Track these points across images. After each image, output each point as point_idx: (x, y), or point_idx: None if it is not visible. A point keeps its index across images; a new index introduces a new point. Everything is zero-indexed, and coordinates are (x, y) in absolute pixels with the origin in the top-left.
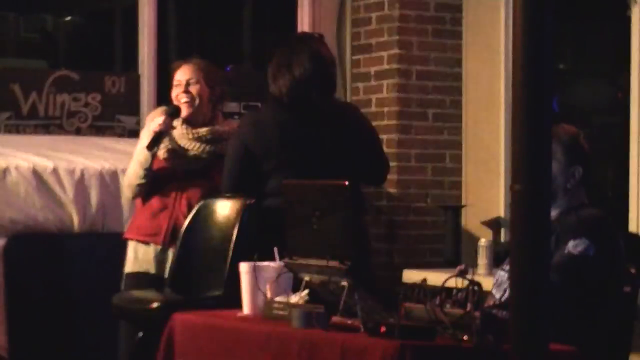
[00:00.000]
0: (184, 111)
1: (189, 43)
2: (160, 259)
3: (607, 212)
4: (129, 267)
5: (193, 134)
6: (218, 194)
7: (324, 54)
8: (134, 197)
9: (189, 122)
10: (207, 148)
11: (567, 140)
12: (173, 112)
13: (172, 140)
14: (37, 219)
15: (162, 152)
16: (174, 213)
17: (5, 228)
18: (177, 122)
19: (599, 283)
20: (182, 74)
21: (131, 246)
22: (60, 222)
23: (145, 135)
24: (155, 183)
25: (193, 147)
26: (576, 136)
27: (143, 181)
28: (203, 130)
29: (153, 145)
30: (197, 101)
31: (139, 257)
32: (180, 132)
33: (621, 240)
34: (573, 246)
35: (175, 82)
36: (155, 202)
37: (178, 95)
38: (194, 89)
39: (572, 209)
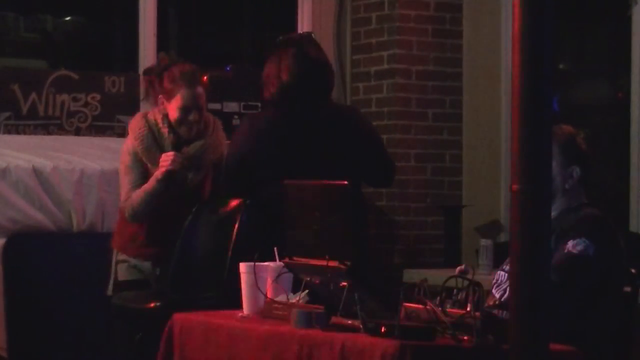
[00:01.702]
0: (184, 133)
1: (189, 43)
2: (159, 274)
3: (607, 212)
4: (124, 275)
5: (185, 156)
6: (217, 195)
7: (313, 55)
8: (135, 222)
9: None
10: (199, 164)
11: (564, 141)
12: (177, 145)
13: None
14: (37, 219)
15: None
16: (174, 237)
17: (5, 228)
18: (168, 135)
19: (598, 283)
20: (190, 100)
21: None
22: (59, 222)
23: (130, 150)
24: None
25: (187, 167)
26: (573, 136)
27: (148, 209)
28: (194, 148)
29: (167, 182)
30: (199, 123)
31: (137, 265)
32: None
33: (621, 240)
34: (573, 246)
35: (182, 105)
36: (154, 225)
37: (183, 121)
38: (199, 114)
39: (571, 209)
